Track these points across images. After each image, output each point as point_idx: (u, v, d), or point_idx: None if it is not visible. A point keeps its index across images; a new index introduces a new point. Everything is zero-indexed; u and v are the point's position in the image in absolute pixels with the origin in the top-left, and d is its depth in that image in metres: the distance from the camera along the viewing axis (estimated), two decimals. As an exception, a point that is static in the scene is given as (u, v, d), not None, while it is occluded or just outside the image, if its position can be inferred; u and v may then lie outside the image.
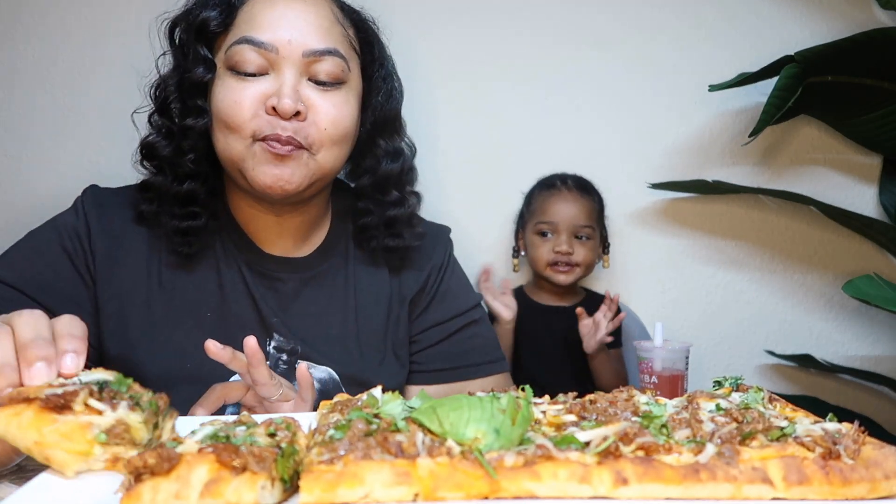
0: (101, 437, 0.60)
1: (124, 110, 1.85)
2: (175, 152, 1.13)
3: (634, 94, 2.00)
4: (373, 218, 1.25)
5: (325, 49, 1.10)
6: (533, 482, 0.55)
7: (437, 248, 1.36)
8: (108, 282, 1.13)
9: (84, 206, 1.16)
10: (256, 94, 1.07)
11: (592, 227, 1.85)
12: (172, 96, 1.13)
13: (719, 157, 2.03)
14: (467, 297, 1.38)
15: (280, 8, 1.10)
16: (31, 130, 1.84)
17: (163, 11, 1.17)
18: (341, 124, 1.12)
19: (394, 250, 1.27)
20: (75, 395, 0.60)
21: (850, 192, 2.06)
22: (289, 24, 1.08)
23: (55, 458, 0.59)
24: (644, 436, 0.60)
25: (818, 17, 2.01)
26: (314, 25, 1.10)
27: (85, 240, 1.13)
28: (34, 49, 1.83)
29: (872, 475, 0.58)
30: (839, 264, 2.07)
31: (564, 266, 1.82)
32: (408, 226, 1.28)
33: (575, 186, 1.86)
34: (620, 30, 1.99)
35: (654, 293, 2.04)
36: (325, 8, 1.14)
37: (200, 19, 1.10)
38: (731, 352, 2.07)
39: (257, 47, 1.07)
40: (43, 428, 0.58)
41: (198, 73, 1.10)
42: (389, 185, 1.25)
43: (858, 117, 1.90)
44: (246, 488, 0.54)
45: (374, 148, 1.24)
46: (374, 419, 0.62)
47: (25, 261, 1.11)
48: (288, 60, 1.08)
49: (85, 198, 1.18)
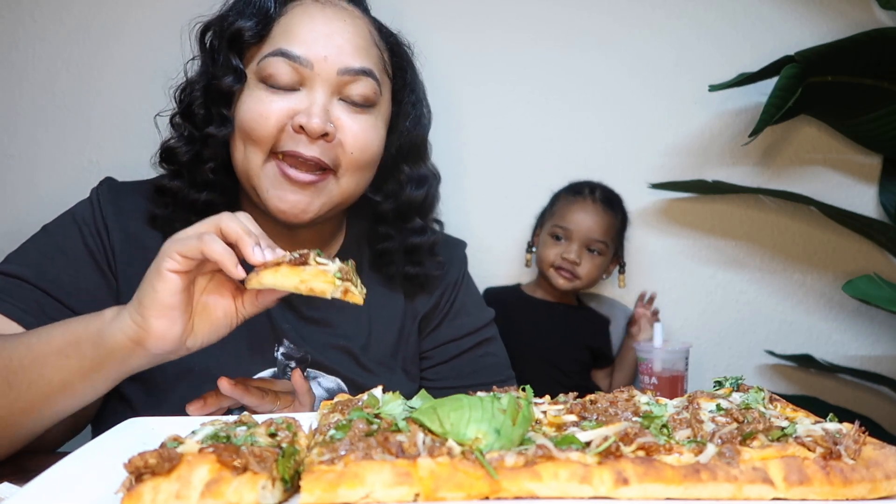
0: (337, 274, 0.84)
1: (125, 111, 1.88)
2: (195, 159, 1.11)
3: (635, 94, 2.00)
4: (393, 244, 1.23)
5: (361, 69, 1.07)
6: (534, 482, 0.55)
7: (453, 264, 1.34)
8: (126, 278, 1.09)
9: (101, 201, 1.12)
10: (285, 108, 1.05)
11: (607, 243, 1.85)
12: (198, 101, 1.11)
13: (719, 157, 2.03)
14: (480, 314, 1.36)
15: (319, 22, 1.07)
16: (33, 131, 1.85)
17: (174, 20, 1.15)
18: (368, 149, 1.10)
19: (413, 278, 1.25)
20: (308, 255, 0.84)
21: (850, 192, 2.06)
22: (326, 40, 1.06)
23: (317, 288, 0.81)
24: (645, 436, 0.60)
25: (818, 17, 2.01)
26: (352, 44, 1.08)
27: (105, 236, 1.09)
28: (37, 51, 1.83)
29: (873, 475, 0.58)
30: (839, 264, 2.07)
31: (567, 273, 1.83)
32: (429, 255, 1.26)
33: (601, 199, 1.86)
34: (621, 30, 1.99)
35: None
36: (364, 27, 1.12)
37: (235, 28, 1.08)
38: (731, 352, 2.07)
39: (292, 61, 1.04)
40: (300, 273, 0.81)
41: (226, 81, 1.07)
42: (412, 213, 1.23)
43: (858, 117, 1.90)
44: (247, 488, 0.54)
45: (397, 173, 1.22)
46: (375, 419, 0.62)
47: (47, 259, 1.06)
48: (321, 77, 1.05)
49: (101, 191, 1.14)
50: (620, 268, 1.94)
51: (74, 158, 1.85)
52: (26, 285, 1.02)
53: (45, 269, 1.04)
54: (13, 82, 1.83)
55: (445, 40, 1.93)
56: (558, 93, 1.99)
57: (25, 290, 1.01)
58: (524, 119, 1.99)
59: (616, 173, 1.98)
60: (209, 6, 1.16)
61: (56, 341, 0.86)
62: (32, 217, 1.19)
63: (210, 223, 0.85)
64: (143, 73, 1.85)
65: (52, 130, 1.85)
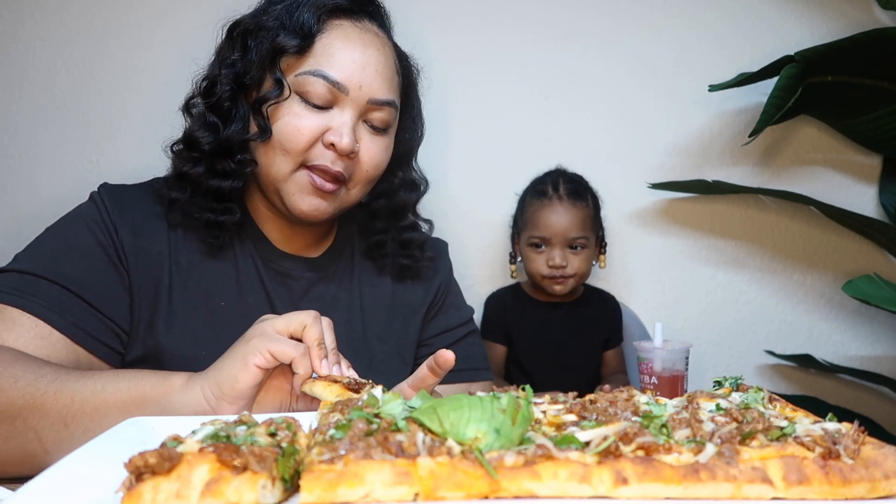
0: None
1: (125, 111, 1.88)
2: (219, 150, 1.16)
3: (634, 94, 2.00)
4: (388, 237, 1.34)
5: (387, 101, 1.18)
6: (533, 482, 0.55)
7: (442, 263, 1.46)
8: (137, 271, 1.11)
9: (103, 200, 1.14)
10: (319, 125, 1.13)
11: (587, 236, 1.82)
12: (226, 95, 1.15)
13: (719, 157, 2.03)
14: (465, 308, 1.49)
15: (359, 50, 1.15)
16: (33, 131, 1.85)
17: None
18: (381, 167, 1.22)
19: (405, 269, 1.37)
20: (364, 385, 0.86)
21: (850, 192, 2.06)
22: (363, 69, 1.14)
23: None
24: (644, 436, 0.60)
25: (818, 17, 2.01)
26: (383, 76, 1.17)
27: (113, 231, 1.11)
28: (37, 51, 1.83)
29: (872, 475, 0.58)
30: (839, 264, 2.07)
31: (560, 278, 1.82)
32: (420, 249, 1.38)
33: (567, 194, 1.80)
34: (620, 30, 1.99)
35: (654, 293, 2.04)
36: (391, 57, 1.21)
37: (279, 44, 1.13)
38: (731, 352, 2.07)
39: (330, 84, 1.12)
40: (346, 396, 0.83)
41: (270, 94, 1.13)
42: (406, 212, 1.36)
43: (858, 117, 1.90)
44: (247, 488, 0.55)
45: (390, 176, 1.32)
46: (375, 419, 0.62)
47: (60, 255, 1.06)
48: (354, 103, 1.14)
49: (102, 192, 1.16)
50: (601, 248, 1.89)
51: (74, 158, 1.85)
52: (43, 281, 1.02)
53: (60, 265, 1.05)
54: (13, 82, 1.83)
55: (445, 40, 1.93)
56: (558, 93, 1.99)
57: (43, 286, 1.02)
58: (523, 119, 1.99)
59: (616, 173, 1.99)
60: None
61: (121, 395, 0.89)
62: (32, 217, 1.19)
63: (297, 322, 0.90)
64: (144, 74, 1.85)
65: (52, 130, 1.85)
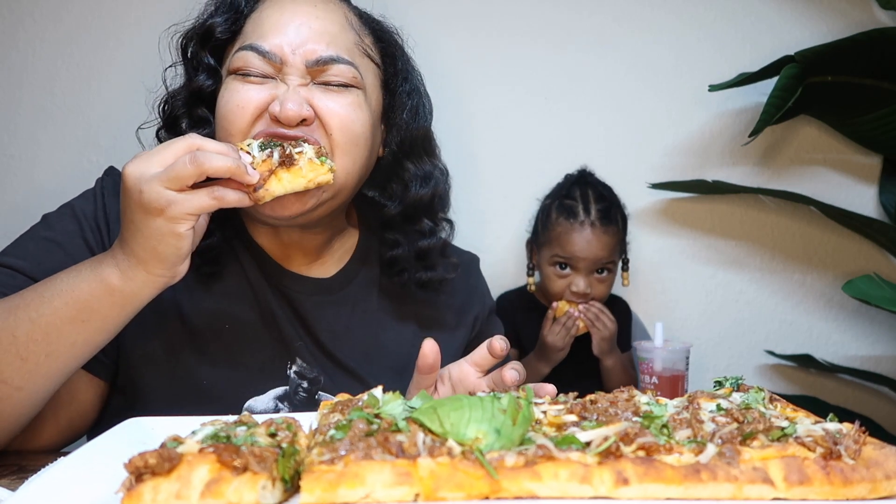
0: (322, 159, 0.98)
1: (125, 112, 1.87)
2: None
3: (634, 94, 2.00)
4: (402, 250, 1.18)
5: (330, 57, 1.04)
6: (534, 482, 0.55)
7: (477, 286, 1.36)
8: None
9: (105, 195, 1.09)
10: (260, 98, 1.02)
11: (614, 260, 1.80)
12: (180, 111, 1.09)
13: (719, 157, 2.03)
14: (497, 324, 1.39)
15: (287, 14, 1.05)
16: (33, 131, 1.84)
17: (174, 21, 1.13)
18: (351, 128, 1.04)
19: (427, 283, 1.20)
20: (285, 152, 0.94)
21: (850, 192, 2.06)
22: (294, 32, 1.04)
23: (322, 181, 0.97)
24: (645, 436, 0.60)
25: (818, 17, 2.01)
26: (319, 32, 1.05)
27: (105, 231, 1.07)
28: (37, 51, 1.83)
29: (873, 475, 0.58)
30: (839, 264, 2.07)
31: (580, 300, 1.78)
32: (440, 256, 1.21)
33: (599, 218, 1.76)
34: (620, 30, 1.99)
35: (654, 293, 2.04)
36: (337, 13, 1.09)
37: (206, 26, 1.08)
38: (731, 352, 2.07)
39: (261, 55, 1.02)
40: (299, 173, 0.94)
41: (200, 80, 1.07)
42: (419, 213, 1.18)
43: (858, 117, 1.90)
44: (247, 488, 0.54)
45: (401, 171, 1.17)
46: (375, 419, 0.62)
47: (44, 252, 1.03)
48: (293, 68, 1.03)
49: (106, 184, 1.11)
50: (624, 265, 1.88)
51: (74, 158, 1.85)
52: (21, 277, 1.00)
53: (42, 262, 1.02)
54: (13, 82, 1.83)
55: (444, 41, 1.92)
56: (558, 93, 1.99)
57: (19, 281, 1.00)
58: (523, 120, 1.98)
59: (616, 173, 1.98)
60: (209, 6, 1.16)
61: (63, 313, 0.87)
62: (32, 217, 1.19)
63: (183, 147, 0.85)
64: (144, 74, 1.84)
65: (52, 130, 1.85)
